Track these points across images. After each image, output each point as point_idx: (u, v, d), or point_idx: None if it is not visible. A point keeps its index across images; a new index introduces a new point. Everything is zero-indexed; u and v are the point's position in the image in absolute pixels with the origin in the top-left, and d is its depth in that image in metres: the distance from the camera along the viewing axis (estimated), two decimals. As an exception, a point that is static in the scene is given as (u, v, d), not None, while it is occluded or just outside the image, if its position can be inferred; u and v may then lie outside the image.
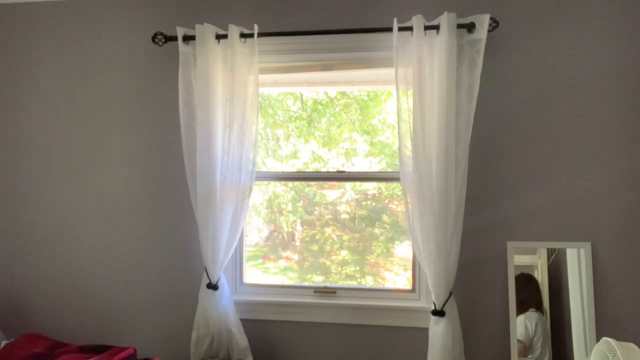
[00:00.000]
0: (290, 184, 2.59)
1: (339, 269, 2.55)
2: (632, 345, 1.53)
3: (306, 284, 2.53)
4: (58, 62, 2.60)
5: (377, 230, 2.52)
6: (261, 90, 2.52)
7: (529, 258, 2.25)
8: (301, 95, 2.58)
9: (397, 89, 2.17)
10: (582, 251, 2.19)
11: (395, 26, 2.16)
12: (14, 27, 2.63)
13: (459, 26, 2.15)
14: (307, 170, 2.55)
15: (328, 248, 2.55)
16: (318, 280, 2.54)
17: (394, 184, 2.49)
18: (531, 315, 2.22)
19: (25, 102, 2.62)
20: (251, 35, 2.28)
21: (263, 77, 2.42)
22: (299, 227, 2.61)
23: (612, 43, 2.21)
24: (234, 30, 2.28)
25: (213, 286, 2.30)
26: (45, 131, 2.60)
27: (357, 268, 2.54)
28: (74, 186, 2.57)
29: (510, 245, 2.25)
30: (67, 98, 2.58)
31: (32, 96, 2.62)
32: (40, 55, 2.61)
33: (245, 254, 2.55)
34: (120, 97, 2.54)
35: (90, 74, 2.57)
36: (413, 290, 2.40)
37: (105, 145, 2.55)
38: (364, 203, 2.54)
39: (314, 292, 2.45)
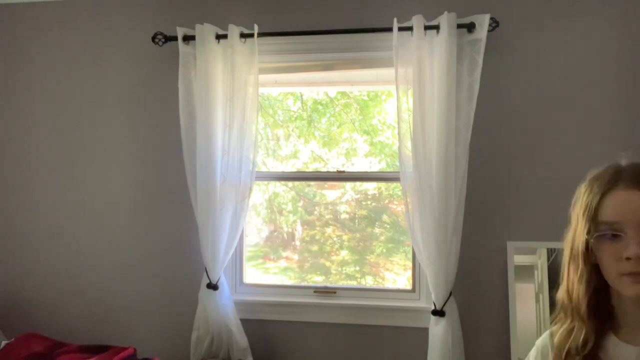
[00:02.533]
0: (290, 184, 2.59)
1: (339, 269, 2.55)
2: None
3: (306, 284, 2.53)
4: (58, 62, 2.59)
5: (377, 230, 2.53)
6: (261, 90, 2.52)
7: (529, 258, 2.25)
8: (301, 96, 2.58)
9: (397, 89, 2.17)
10: (582, 251, 2.19)
11: (395, 26, 2.16)
12: (14, 27, 2.63)
13: (459, 26, 2.15)
14: (307, 170, 2.55)
15: (328, 248, 2.55)
16: (318, 280, 2.54)
17: (394, 184, 2.48)
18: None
19: (25, 102, 2.62)
20: (251, 35, 2.28)
21: (263, 77, 2.42)
22: (299, 227, 2.61)
23: (612, 43, 2.21)
24: (234, 30, 2.28)
25: (213, 286, 2.30)
26: (45, 131, 2.60)
27: (357, 268, 2.54)
28: (73, 186, 2.57)
29: (510, 245, 2.25)
30: (67, 98, 2.58)
31: (32, 96, 2.62)
32: (40, 55, 2.61)
33: (245, 254, 2.55)
34: (120, 97, 2.54)
35: (90, 74, 2.57)
36: (413, 290, 2.40)
37: (105, 145, 2.55)
38: (364, 203, 2.54)
39: (314, 292, 2.45)
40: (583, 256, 0.96)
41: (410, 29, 2.17)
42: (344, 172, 2.47)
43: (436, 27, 2.15)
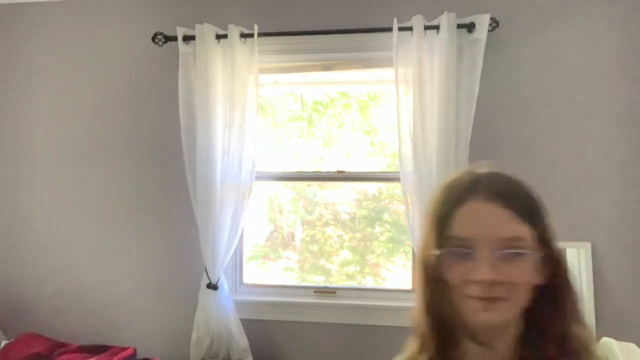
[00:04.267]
0: (290, 184, 2.59)
1: (340, 269, 2.55)
2: (632, 345, 1.53)
3: (306, 284, 2.53)
4: (58, 62, 2.59)
5: (377, 230, 2.52)
6: (261, 90, 2.52)
7: (529, 258, 2.24)
8: (301, 96, 2.58)
9: (397, 89, 2.17)
10: (582, 251, 2.19)
11: (395, 26, 2.16)
12: (14, 27, 2.63)
13: (459, 26, 2.15)
14: (307, 170, 2.55)
15: (328, 248, 2.55)
16: (318, 280, 2.54)
17: (394, 184, 2.48)
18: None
19: (25, 102, 2.62)
20: (251, 35, 2.28)
21: (263, 77, 2.42)
22: (299, 227, 2.61)
23: (612, 43, 2.21)
24: (234, 30, 2.28)
25: (213, 286, 2.29)
26: (44, 131, 2.60)
27: (358, 268, 2.54)
28: (73, 185, 2.57)
29: (510, 245, 2.24)
30: (66, 98, 2.58)
31: (31, 96, 2.62)
32: (40, 55, 2.61)
33: (246, 254, 2.55)
34: (120, 97, 2.54)
35: (90, 74, 2.56)
36: (413, 290, 2.40)
37: (105, 145, 2.55)
38: (364, 203, 2.54)
39: (314, 292, 2.45)
40: (434, 273, 0.81)
41: (410, 29, 2.17)
42: (344, 172, 2.47)
43: (436, 27, 2.15)
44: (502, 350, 0.81)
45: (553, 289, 0.81)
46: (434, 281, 0.82)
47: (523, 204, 0.81)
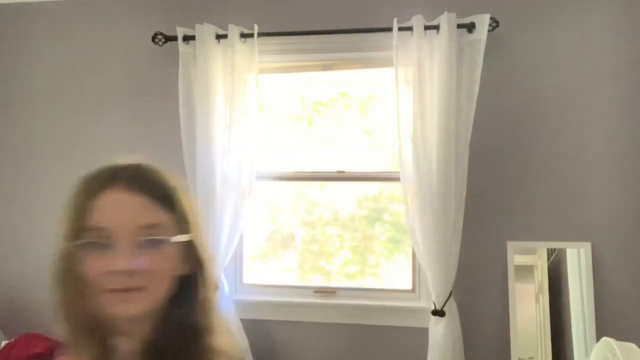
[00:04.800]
0: (290, 184, 2.58)
1: (340, 269, 2.55)
2: (632, 345, 1.53)
3: (306, 284, 2.53)
4: (57, 62, 2.59)
5: (377, 230, 2.52)
6: (261, 90, 2.52)
7: (529, 258, 2.25)
8: (301, 96, 2.58)
9: (397, 88, 2.17)
10: (582, 251, 2.19)
11: (395, 26, 2.16)
12: (13, 27, 2.63)
13: (459, 26, 2.15)
14: (307, 170, 2.55)
15: (328, 248, 2.55)
16: (318, 280, 2.54)
17: (394, 184, 2.48)
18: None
19: (25, 103, 2.62)
20: (251, 35, 2.28)
21: (263, 77, 2.42)
22: (299, 227, 2.61)
23: (612, 43, 2.21)
24: (234, 30, 2.28)
25: (213, 286, 2.29)
26: (44, 131, 2.60)
27: (358, 268, 2.54)
28: (73, 185, 2.57)
29: (510, 245, 2.25)
30: (66, 98, 2.58)
31: (31, 96, 2.61)
32: (39, 55, 2.61)
33: (246, 254, 2.55)
34: (119, 97, 2.54)
35: (89, 74, 2.56)
36: (413, 290, 2.40)
37: (105, 145, 2.55)
38: (364, 203, 2.54)
39: (314, 292, 2.45)
40: (71, 268, 0.82)
41: (410, 29, 2.17)
42: (344, 172, 2.47)
43: (436, 27, 2.15)
44: (141, 338, 0.80)
45: (191, 280, 0.82)
46: (72, 277, 0.82)
47: (160, 192, 0.81)
